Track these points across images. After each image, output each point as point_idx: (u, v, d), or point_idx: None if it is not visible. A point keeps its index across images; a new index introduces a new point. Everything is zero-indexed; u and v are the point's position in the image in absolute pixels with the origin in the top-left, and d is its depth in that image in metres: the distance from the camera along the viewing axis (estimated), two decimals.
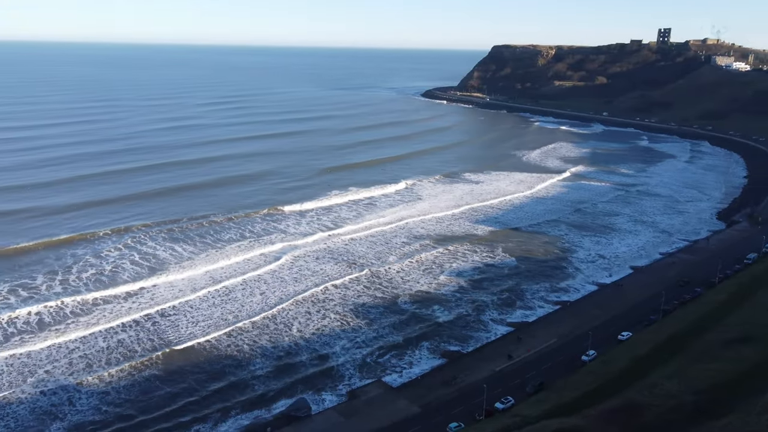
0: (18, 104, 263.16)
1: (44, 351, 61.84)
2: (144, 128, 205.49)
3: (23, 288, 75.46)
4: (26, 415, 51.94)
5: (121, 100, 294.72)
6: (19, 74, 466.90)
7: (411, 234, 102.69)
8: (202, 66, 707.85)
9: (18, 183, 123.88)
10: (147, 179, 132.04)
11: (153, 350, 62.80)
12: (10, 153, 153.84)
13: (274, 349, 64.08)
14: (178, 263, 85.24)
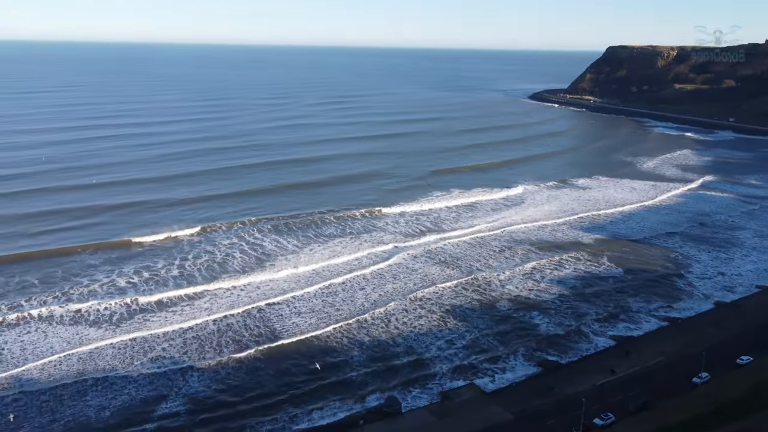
0: (135, 102, 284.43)
1: (161, 330, 67.25)
2: (256, 126, 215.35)
3: (146, 270, 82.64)
4: (146, 385, 57.01)
5: (231, 99, 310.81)
6: (133, 74, 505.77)
7: (513, 239, 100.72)
8: (301, 66, 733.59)
9: (138, 177, 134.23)
10: (257, 176, 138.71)
11: (259, 336, 66.37)
12: (130, 148, 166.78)
13: (371, 344, 65.49)
14: (284, 257, 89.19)
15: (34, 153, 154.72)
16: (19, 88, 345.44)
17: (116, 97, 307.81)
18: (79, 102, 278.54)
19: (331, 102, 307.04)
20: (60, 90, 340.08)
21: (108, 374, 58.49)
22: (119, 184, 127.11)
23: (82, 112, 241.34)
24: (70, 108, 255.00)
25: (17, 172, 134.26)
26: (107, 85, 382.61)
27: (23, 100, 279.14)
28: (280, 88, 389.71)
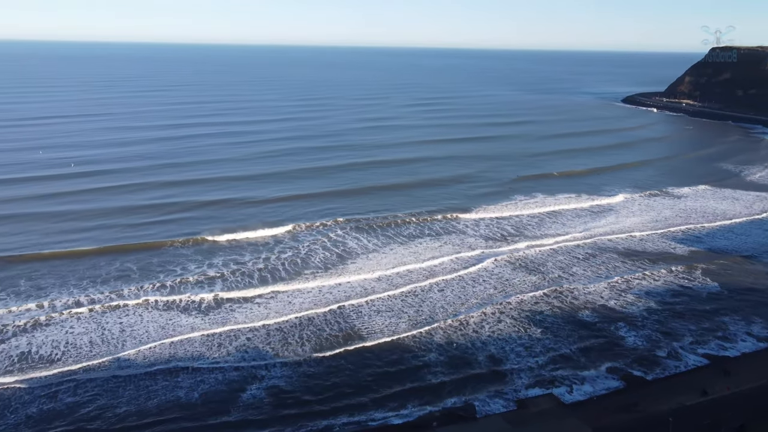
0: (232, 102, 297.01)
1: (247, 322, 70.15)
2: (346, 126, 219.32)
3: (234, 263, 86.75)
4: (231, 371, 59.89)
5: (321, 99, 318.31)
6: (227, 75, 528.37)
7: (600, 248, 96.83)
8: (387, 68, 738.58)
9: (232, 174, 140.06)
10: (344, 177, 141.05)
11: (339, 335, 67.61)
12: (225, 146, 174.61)
13: (448, 347, 65.19)
14: (366, 257, 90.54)
15: (140, 149, 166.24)
16: (135, 86, 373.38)
17: (214, 96, 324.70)
18: (182, 101, 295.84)
19: (419, 103, 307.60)
20: (167, 89, 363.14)
21: (196, 360, 61.93)
22: (213, 180, 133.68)
23: (185, 111, 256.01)
24: (174, 107, 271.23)
25: (124, 167, 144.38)
26: (206, 85, 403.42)
27: (136, 98, 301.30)
28: (368, 89, 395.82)
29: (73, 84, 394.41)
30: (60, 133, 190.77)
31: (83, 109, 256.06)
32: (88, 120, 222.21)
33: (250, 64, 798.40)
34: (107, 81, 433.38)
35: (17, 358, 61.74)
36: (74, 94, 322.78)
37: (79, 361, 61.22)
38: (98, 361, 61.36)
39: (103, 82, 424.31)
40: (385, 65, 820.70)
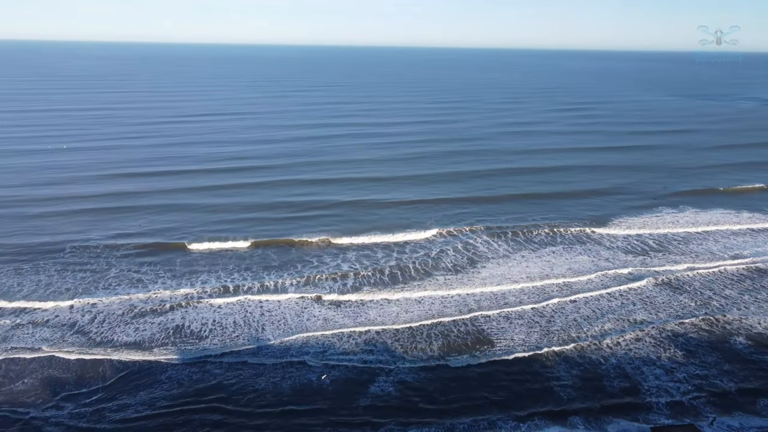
0: (370, 103, 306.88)
1: (377, 316, 73.86)
2: (485, 131, 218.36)
3: (366, 259, 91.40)
4: (358, 365, 63.39)
5: (460, 102, 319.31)
6: (364, 76, 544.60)
7: (759, 272, 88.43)
8: (531, 70, 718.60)
9: (371, 175, 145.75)
10: (479, 183, 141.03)
11: (467, 337, 68.59)
12: (368, 147, 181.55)
13: (581, 365, 63.52)
14: (498, 265, 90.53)
15: (282, 147, 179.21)
16: (279, 87, 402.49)
17: (352, 97, 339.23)
18: (323, 101, 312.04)
19: (563, 109, 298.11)
20: (308, 90, 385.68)
21: (327, 349, 66.37)
22: (348, 181, 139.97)
23: (325, 111, 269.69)
24: (316, 107, 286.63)
25: (267, 164, 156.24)
26: (344, 87, 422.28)
27: (280, 99, 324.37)
28: (508, 92, 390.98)
29: (223, 84, 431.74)
30: (213, 130, 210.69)
31: (232, 107, 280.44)
32: (236, 118, 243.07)
33: (381, 65, 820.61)
34: (251, 81, 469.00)
35: (172, 331, 70.44)
36: (224, 93, 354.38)
37: (224, 340, 68.45)
38: (241, 340, 68.24)
39: (248, 82, 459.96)
40: (527, 66, 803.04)
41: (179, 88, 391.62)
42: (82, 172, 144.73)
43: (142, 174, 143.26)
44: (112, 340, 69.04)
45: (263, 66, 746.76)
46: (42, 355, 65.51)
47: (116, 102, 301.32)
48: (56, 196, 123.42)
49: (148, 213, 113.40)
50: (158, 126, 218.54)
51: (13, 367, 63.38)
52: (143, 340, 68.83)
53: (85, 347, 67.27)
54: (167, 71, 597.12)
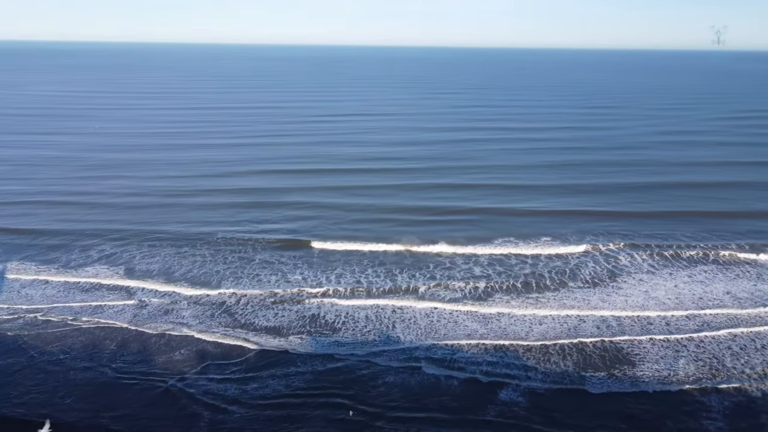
0: (513, 107, 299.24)
1: (508, 324, 72.21)
2: (643, 140, 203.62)
3: (499, 265, 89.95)
4: (482, 378, 62.13)
5: (611, 107, 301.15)
6: (512, 79, 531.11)
7: None
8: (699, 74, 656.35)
9: (510, 183, 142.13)
10: (632, 195, 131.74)
11: (604, 357, 65.05)
12: (509, 153, 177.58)
13: (741, 403, 57.44)
14: (640, 282, 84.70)
15: (421, 150, 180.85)
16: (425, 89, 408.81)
17: (496, 100, 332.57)
18: (467, 104, 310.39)
19: (735, 117, 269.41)
20: (454, 92, 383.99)
21: (455, 352, 66.13)
22: (485, 187, 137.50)
23: (468, 114, 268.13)
24: (459, 109, 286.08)
25: (405, 167, 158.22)
26: (489, 89, 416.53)
27: (425, 101, 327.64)
28: (668, 98, 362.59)
29: (370, 85, 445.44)
30: (358, 130, 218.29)
31: (378, 108, 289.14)
32: (381, 119, 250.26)
33: (525, 68, 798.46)
34: (395, 82, 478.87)
35: (308, 320, 74.34)
36: (371, 94, 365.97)
37: (355, 334, 70.80)
38: (371, 337, 70.13)
39: (393, 83, 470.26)
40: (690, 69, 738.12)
41: (328, 88, 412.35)
42: (236, 167, 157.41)
43: (288, 171, 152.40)
44: (253, 323, 74.47)
45: (404, 67, 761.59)
46: (190, 332, 72.39)
47: (272, 101, 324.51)
48: (212, 188, 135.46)
49: (291, 208, 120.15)
50: (308, 125, 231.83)
51: (163, 341, 70.65)
52: (281, 326, 73.34)
53: (230, 327, 73.21)
54: (318, 72, 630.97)
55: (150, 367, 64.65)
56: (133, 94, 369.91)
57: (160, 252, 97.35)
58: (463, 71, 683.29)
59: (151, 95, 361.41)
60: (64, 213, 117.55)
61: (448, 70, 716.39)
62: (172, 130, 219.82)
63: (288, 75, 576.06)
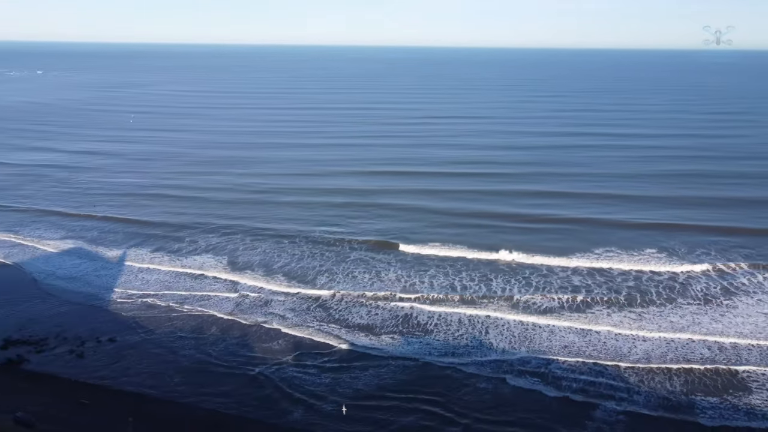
0: (633, 111, 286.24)
1: (607, 340, 70.01)
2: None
3: (600, 275, 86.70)
4: (578, 399, 60.48)
5: (741, 113, 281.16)
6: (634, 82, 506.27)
7: None
8: None
9: (618, 192, 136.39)
10: (760, 213, 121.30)
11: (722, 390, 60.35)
12: (619, 160, 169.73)
13: None
14: (757, 298, 79.32)
15: (520, 155, 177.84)
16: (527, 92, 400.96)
17: (609, 104, 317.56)
18: (575, 108, 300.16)
19: None
20: (560, 96, 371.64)
21: (550, 364, 64.95)
22: (590, 196, 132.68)
23: (575, 119, 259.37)
24: (566, 113, 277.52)
25: (501, 171, 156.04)
26: (601, 92, 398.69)
27: (528, 104, 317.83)
28: None
29: (472, 87, 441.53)
30: (457, 133, 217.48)
31: (478, 111, 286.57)
32: (481, 122, 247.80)
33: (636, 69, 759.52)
34: (497, 85, 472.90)
35: (401, 320, 75.63)
36: (472, 96, 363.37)
37: (447, 338, 71.16)
38: (463, 342, 70.35)
39: (494, 85, 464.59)
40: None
41: (427, 90, 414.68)
42: (332, 166, 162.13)
43: (383, 173, 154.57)
44: (346, 319, 76.73)
45: (502, 69, 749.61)
46: (285, 324, 75.56)
47: (370, 102, 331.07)
48: (309, 188, 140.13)
49: (385, 210, 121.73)
50: (404, 126, 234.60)
51: (261, 331, 74.18)
52: (374, 325, 74.88)
53: (324, 322, 75.88)
54: (416, 73, 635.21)
55: (247, 356, 68.36)
56: (234, 93, 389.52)
57: (261, 245, 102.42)
58: (564, 73, 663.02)
59: (252, 95, 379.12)
60: (173, 206, 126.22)
61: (548, 71, 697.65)
62: (273, 129, 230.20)
63: (387, 77, 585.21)
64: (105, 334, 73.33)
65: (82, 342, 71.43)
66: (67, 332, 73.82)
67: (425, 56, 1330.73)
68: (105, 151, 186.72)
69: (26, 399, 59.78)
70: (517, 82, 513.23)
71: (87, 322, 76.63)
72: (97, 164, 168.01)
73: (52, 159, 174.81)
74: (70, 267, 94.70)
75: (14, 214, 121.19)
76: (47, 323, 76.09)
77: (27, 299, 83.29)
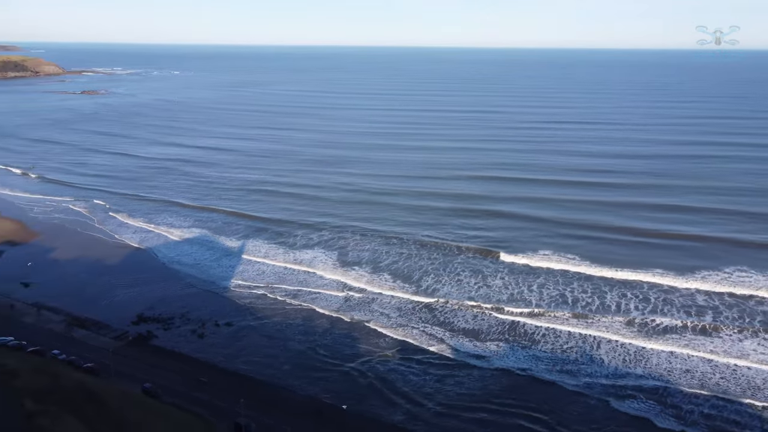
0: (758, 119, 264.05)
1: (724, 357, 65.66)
2: None
3: (730, 298, 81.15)
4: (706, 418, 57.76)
5: None
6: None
7: None
8: None
9: (753, 210, 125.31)
10: None
11: None
12: (751, 174, 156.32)
13: None
14: None
15: (643, 164, 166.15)
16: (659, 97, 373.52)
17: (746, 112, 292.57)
18: (711, 114, 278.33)
19: None
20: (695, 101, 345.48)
21: (665, 392, 62.05)
22: (713, 212, 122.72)
23: (710, 126, 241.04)
24: (698, 120, 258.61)
25: (620, 181, 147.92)
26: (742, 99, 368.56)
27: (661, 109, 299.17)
28: None
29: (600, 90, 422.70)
30: (577, 139, 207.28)
31: (604, 116, 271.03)
32: (603, 128, 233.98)
33: None
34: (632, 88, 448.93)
35: (507, 327, 75.13)
36: (599, 101, 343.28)
37: (554, 349, 69.90)
38: (572, 355, 68.73)
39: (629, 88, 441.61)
40: None
41: (553, 93, 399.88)
42: (445, 170, 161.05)
43: (496, 178, 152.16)
44: (451, 322, 77.14)
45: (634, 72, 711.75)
46: (390, 323, 77.04)
47: (486, 105, 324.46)
48: (419, 191, 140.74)
49: (495, 217, 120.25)
50: (524, 131, 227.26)
51: (366, 329, 76.39)
52: (479, 330, 74.90)
53: (428, 323, 76.62)
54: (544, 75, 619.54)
55: (352, 351, 70.71)
56: (348, 94, 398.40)
57: (368, 245, 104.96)
58: (693, 76, 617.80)
59: (366, 96, 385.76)
60: (287, 202, 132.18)
61: (676, 75, 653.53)
62: (385, 130, 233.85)
63: (503, 79, 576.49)
64: (223, 318, 78.89)
65: (203, 323, 77.30)
66: (190, 313, 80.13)
67: (541, 58, 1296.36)
68: (225, 147, 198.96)
69: (153, 372, 65.65)
70: (642, 86, 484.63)
71: (208, 305, 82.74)
72: (218, 159, 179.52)
73: (178, 153, 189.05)
74: (194, 254, 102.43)
75: (147, 204, 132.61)
76: (174, 304, 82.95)
77: (157, 281, 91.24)
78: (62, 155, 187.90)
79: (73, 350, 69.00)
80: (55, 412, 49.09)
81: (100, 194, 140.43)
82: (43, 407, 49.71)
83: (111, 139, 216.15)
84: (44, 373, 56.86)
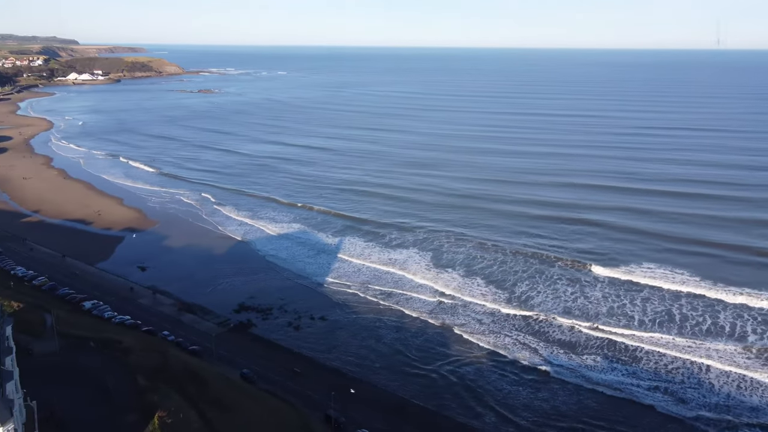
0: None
1: None
2: None
3: None
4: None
5: None
6: None
7: None
8: None
9: None
10: None
11: None
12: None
13: None
14: None
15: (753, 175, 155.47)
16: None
17: None
18: None
19: None
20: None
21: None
22: None
23: None
24: None
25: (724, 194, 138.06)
26: None
27: None
28: None
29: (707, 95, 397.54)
30: (677, 146, 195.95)
31: (709, 122, 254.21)
32: (708, 135, 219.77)
33: None
34: (743, 92, 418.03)
35: (605, 343, 72.14)
36: (705, 106, 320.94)
37: (655, 369, 66.56)
38: (678, 377, 65.14)
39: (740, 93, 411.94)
40: None
41: (659, 97, 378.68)
42: (542, 176, 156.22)
43: (593, 186, 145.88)
44: (546, 332, 75.08)
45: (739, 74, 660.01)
46: (482, 329, 76.14)
47: (590, 109, 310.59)
48: (515, 198, 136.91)
49: (590, 226, 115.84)
50: (626, 137, 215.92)
51: (456, 334, 75.82)
52: (575, 343, 72.36)
53: (521, 332, 74.97)
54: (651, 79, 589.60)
55: (443, 355, 70.36)
56: (450, 96, 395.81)
57: (461, 249, 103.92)
58: None
59: (467, 98, 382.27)
60: (382, 203, 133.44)
61: None
62: (484, 133, 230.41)
63: (611, 82, 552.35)
64: (318, 312, 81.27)
65: (299, 316, 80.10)
66: (287, 305, 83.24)
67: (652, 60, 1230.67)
68: (324, 146, 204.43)
69: (251, 359, 68.88)
70: (759, 90, 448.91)
71: (304, 299, 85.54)
72: (317, 158, 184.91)
73: (280, 151, 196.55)
74: (291, 249, 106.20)
75: (249, 199, 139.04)
76: (272, 295, 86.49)
77: (257, 272, 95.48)
78: (177, 150, 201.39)
79: (180, 332, 73.94)
80: (164, 390, 52.68)
81: (207, 188, 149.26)
82: (153, 384, 53.67)
83: (220, 136, 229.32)
84: (155, 352, 61.21)
